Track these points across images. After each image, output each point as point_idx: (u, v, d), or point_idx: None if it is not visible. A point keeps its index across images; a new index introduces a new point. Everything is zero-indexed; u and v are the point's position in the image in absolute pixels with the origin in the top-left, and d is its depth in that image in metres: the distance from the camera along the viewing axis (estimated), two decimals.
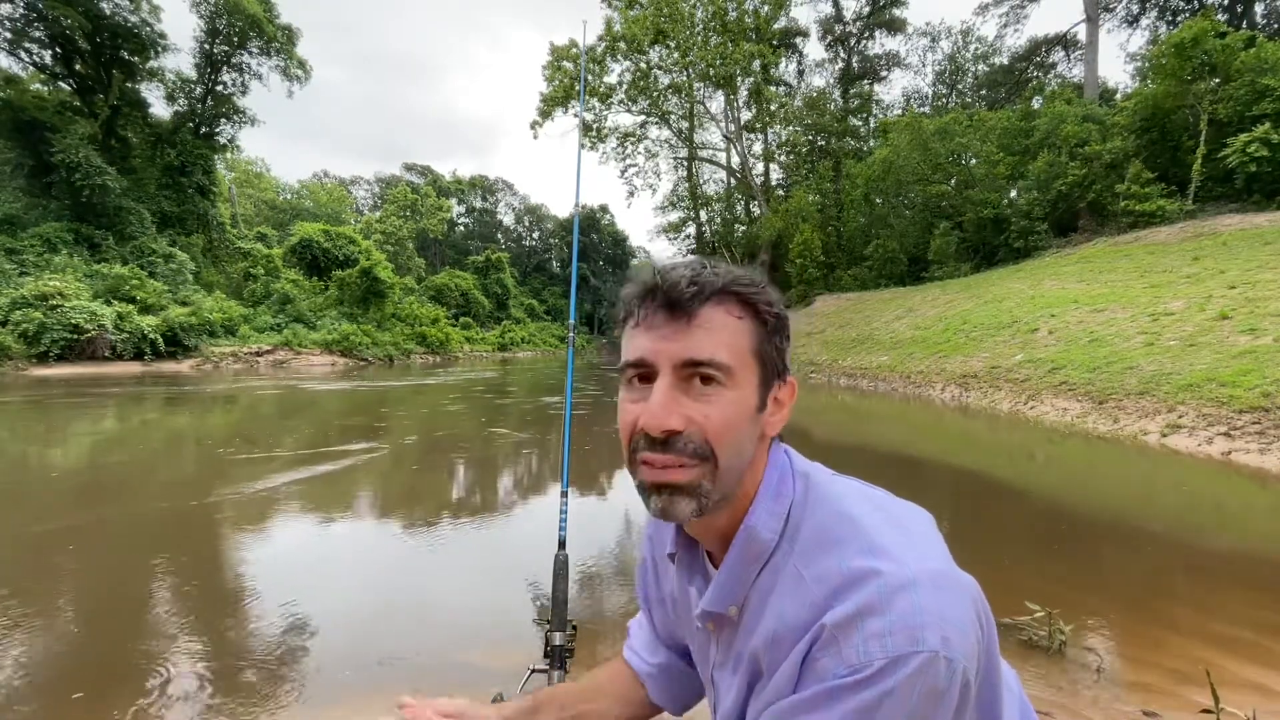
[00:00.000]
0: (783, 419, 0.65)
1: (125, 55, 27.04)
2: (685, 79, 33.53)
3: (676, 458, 0.57)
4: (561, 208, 79.71)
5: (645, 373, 0.60)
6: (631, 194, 45.36)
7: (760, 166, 38.96)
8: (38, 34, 24.98)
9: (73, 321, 18.77)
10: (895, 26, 37.57)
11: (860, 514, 0.60)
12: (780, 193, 37.44)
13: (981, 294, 16.08)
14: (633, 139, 36.68)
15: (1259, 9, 25.61)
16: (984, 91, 35.07)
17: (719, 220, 40.60)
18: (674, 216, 41.91)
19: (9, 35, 24.41)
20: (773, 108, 35.81)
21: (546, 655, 1.05)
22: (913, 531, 0.59)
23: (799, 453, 0.69)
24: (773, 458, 0.65)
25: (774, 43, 34.45)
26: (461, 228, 70.83)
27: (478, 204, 73.19)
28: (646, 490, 0.60)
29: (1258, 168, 15.42)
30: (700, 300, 0.58)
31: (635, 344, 0.61)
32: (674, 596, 0.81)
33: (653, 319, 0.59)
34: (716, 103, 37.38)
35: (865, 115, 37.06)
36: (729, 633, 0.66)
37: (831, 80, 39.34)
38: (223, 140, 31.81)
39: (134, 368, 19.92)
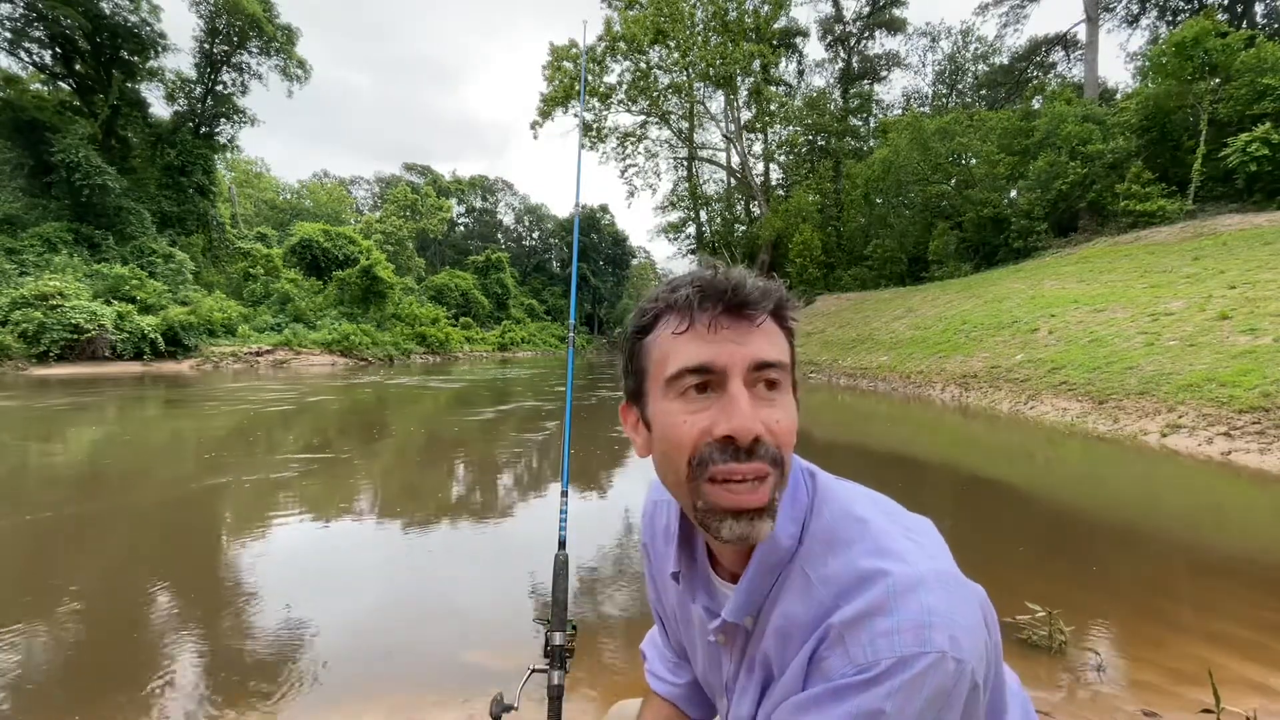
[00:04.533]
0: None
1: (125, 55, 27.04)
2: (685, 79, 33.49)
3: (760, 465, 0.54)
4: (561, 208, 79.72)
5: (706, 380, 0.56)
6: (631, 194, 45.30)
7: (760, 166, 38.98)
8: (38, 34, 24.97)
9: (73, 321, 18.77)
10: (895, 26, 37.59)
11: (868, 516, 0.60)
12: (780, 193, 37.44)
13: (981, 294, 16.06)
14: (633, 139, 36.66)
15: (1259, 9, 25.60)
16: (984, 91, 35.04)
17: (719, 220, 40.57)
18: (674, 216, 41.90)
19: (9, 35, 24.42)
20: (773, 108, 35.77)
21: (546, 655, 1.04)
22: (920, 535, 0.60)
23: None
24: None
25: (774, 43, 34.40)
26: (461, 228, 70.76)
27: (478, 204, 73.11)
28: (720, 514, 0.55)
29: (1258, 167, 15.41)
30: (768, 304, 0.57)
31: (691, 350, 0.56)
32: (674, 612, 0.81)
33: (718, 322, 0.56)
34: (716, 103, 37.39)
35: (865, 115, 37.06)
36: (740, 641, 0.66)
37: (831, 80, 39.40)
38: (223, 140, 31.81)
39: (134, 368, 19.91)
